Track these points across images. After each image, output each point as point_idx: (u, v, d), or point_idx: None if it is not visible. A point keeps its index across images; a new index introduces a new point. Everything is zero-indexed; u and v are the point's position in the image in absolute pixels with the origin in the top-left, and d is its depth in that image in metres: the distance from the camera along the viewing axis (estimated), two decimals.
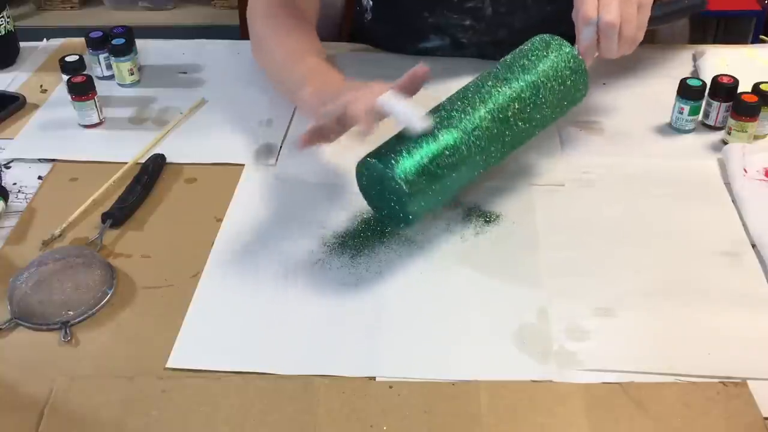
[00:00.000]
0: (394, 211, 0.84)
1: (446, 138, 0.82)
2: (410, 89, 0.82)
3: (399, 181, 0.79)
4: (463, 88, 0.88)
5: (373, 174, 0.83)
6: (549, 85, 0.88)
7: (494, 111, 0.85)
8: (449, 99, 0.87)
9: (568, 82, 0.89)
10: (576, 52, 0.90)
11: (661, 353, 0.74)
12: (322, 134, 0.87)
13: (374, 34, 1.23)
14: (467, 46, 1.16)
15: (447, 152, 0.81)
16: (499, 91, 0.86)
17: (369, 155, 0.83)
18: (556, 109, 0.91)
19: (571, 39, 0.92)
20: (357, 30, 1.26)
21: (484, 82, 0.87)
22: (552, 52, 0.89)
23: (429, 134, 0.82)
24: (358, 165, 0.84)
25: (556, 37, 0.91)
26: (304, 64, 0.99)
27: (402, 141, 0.82)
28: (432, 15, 1.14)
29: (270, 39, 1.06)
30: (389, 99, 0.80)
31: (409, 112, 0.80)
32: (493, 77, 0.88)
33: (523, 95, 0.86)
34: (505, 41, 1.12)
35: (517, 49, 0.92)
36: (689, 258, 0.84)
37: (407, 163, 0.80)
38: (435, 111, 0.85)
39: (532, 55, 0.89)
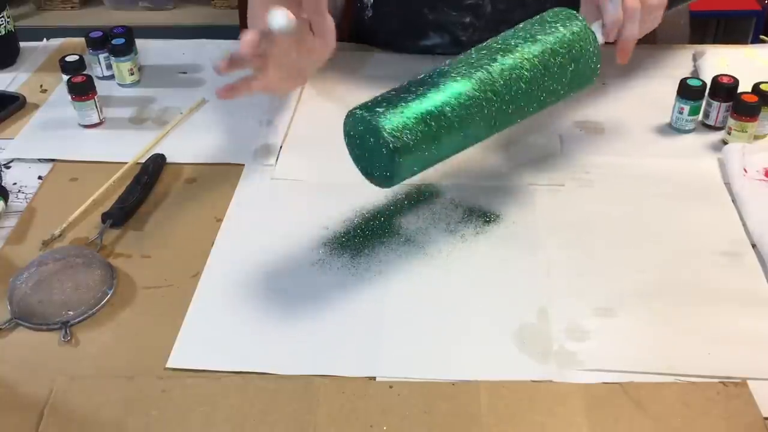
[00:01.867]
0: (380, 167, 0.79)
1: (440, 96, 0.78)
2: (311, 9, 0.80)
3: (387, 136, 0.75)
4: (467, 52, 0.84)
5: (359, 127, 0.79)
6: (559, 57, 0.83)
7: (497, 79, 0.81)
8: (451, 61, 0.83)
9: (580, 59, 0.85)
10: (593, 31, 0.86)
11: (661, 353, 0.74)
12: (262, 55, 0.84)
13: (374, 32, 1.23)
14: (467, 44, 1.16)
15: (439, 112, 0.77)
16: (503, 57, 0.82)
17: (359, 107, 0.79)
18: (565, 85, 0.86)
19: None
20: (357, 28, 1.26)
21: (491, 48, 0.83)
22: (568, 26, 0.85)
23: (425, 89, 0.78)
24: (345, 117, 0.80)
25: (574, 12, 0.86)
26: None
27: (395, 94, 0.78)
28: (432, 12, 1.14)
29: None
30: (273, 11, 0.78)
31: (274, 10, 0.77)
32: (499, 43, 0.84)
33: (529, 64, 0.82)
34: None
35: (530, 19, 0.87)
36: (689, 258, 0.84)
37: (397, 119, 0.76)
38: (435, 71, 0.81)
39: (545, 23, 0.85)
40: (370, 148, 0.79)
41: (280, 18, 0.77)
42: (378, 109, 0.77)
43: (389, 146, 0.76)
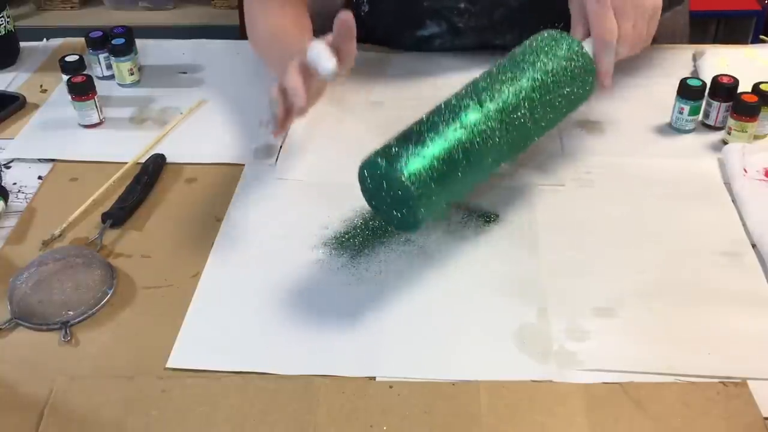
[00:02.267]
0: (398, 214, 0.80)
1: (455, 136, 0.78)
2: (342, 40, 0.81)
3: (407, 183, 0.76)
4: (471, 83, 0.85)
5: (377, 174, 0.79)
6: (559, 82, 0.85)
7: (504, 110, 0.82)
8: (456, 95, 0.84)
9: (578, 80, 0.87)
10: (584, 49, 0.87)
11: (661, 353, 0.74)
12: (295, 93, 0.84)
13: (371, 27, 1.23)
14: (464, 31, 1.16)
15: (454, 152, 0.78)
16: (508, 89, 0.82)
17: (375, 154, 0.79)
18: (565, 107, 0.88)
19: (567, 14, 0.90)
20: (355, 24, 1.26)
21: (493, 79, 0.84)
22: (561, 49, 0.86)
23: (436, 134, 0.78)
24: (361, 164, 0.81)
25: (564, 33, 0.88)
26: (289, 42, 0.98)
27: (408, 140, 0.78)
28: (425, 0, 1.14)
29: (259, 16, 1.06)
30: (313, 45, 0.78)
31: (319, 53, 0.78)
32: (501, 74, 0.84)
33: (533, 93, 0.83)
34: (504, 22, 1.11)
35: (525, 44, 0.88)
36: (689, 258, 0.84)
37: (415, 164, 0.76)
38: (442, 107, 0.82)
39: (541, 51, 0.86)
40: (388, 196, 0.80)
41: (328, 64, 0.78)
42: (396, 155, 0.77)
43: (411, 193, 0.76)
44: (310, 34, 1.02)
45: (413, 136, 0.79)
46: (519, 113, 0.82)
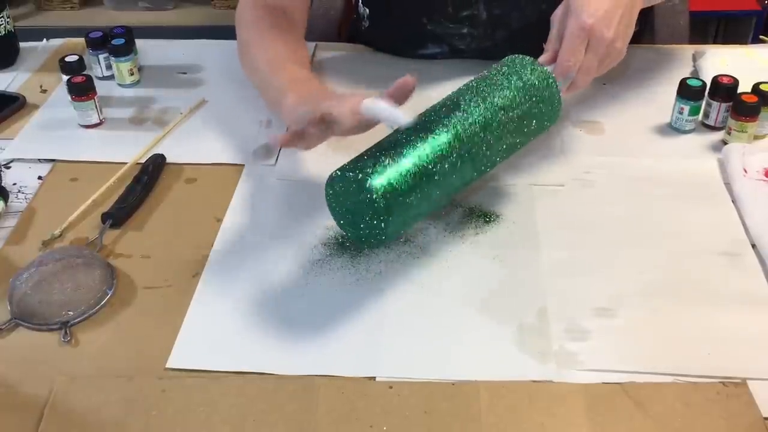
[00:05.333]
0: (364, 229, 0.80)
1: (421, 153, 0.79)
2: (397, 99, 0.81)
3: (375, 196, 0.76)
4: (439, 103, 0.85)
5: (347, 189, 0.80)
6: (523, 105, 0.85)
7: (470, 130, 0.82)
8: (425, 113, 0.84)
9: (543, 102, 0.87)
10: (550, 72, 0.88)
11: (661, 353, 0.74)
12: (303, 138, 0.85)
13: (372, 43, 1.23)
14: (466, 52, 1.16)
15: (424, 166, 0.79)
16: (474, 110, 0.83)
17: (342, 168, 0.80)
18: (531, 129, 0.88)
19: None
20: (355, 36, 1.26)
21: (460, 101, 0.84)
22: (526, 72, 0.86)
23: (405, 149, 0.79)
24: (328, 179, 0.81)
25: (529, 58, 0.88)
26: (286, 72, 0.96)
27: (375, 155, 0.79)
28: (429, 23, 1.14)
29: (254, 46, 1.04)
30: (373, 102, 0.79)
31: (392, 110, 0.78)
32: (468, 97, 0.84)
33: (497, 117, 0.83)
34: (505, 44, 1.12)
35: (492, 68, 0.89)
36: (689, 258, 0.84)
37: (384, 177, 0.77)
38: (412, 126, 0.82)
39: (507, 75, 0.86)
40: (355, 211, 0.80)
41: (404, 120, 0.79)
42: (366, 169, 0.78)
43: (379, 207, 0.77)
44: (308, 67, 1.01)
45: (378, 152, 0.79)
46: (479, 137, 0.82)
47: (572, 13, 0.87)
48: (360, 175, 0.77)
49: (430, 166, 0.79)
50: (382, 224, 0.78)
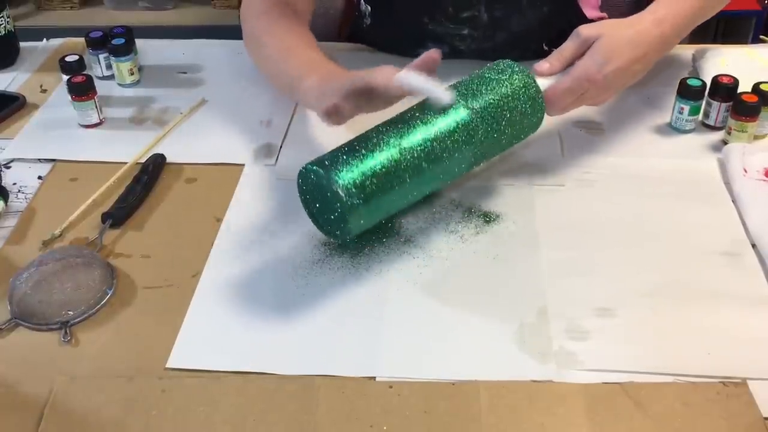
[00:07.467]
0: (333, 222, 0.82)
1: (389, 152, 0.80)
2: (423, 71, 0.81)
3: (340, 190, 0.77)
4: (416, 105, 0.86)
5: (315, 182, 0.81)
6: (505, 110, 0.86)
7: (445, 130, 0.83)
8: (403, 114, 0.85)
9: (525, 109, 0.87)
10: (534, 79, 0.88)
11: (661, 353, 0.74)
12: (338, 113, 0.84)
13: (373, 40, 1.23)
14: (466, 53, 1.16)
15: (388, 166, 0.79)
16: (454, 111, 0.84)
17: (311, 162, 0.81)
18: (513, 133, 0.88)
19: (565, 37, 0.91)
20: (356, 34, 1.26)
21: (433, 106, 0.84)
22: (510, 78, 0.87)
23: (373, 146, 0.80)
24: (299, 172, 0.83)
25: (514, 63, 0.89)
26: (302, 56, 0.98)
27: (345, 151, 0.80)
28: (430, 23, 1.14)
29: (264, 34, 1.05)
30: (408, 75, 0.79)
31: (432, 85, 0.80)
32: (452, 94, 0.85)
33: (482, 113, 0.84)
34: (505, 46, 1.12)
35: (476, 73, 0.89)
36: (689, 258, 0.84)
37: (350, 173, 0.78)
38: (387, 124, 0.83)
39: (491, 80, 0.87)
40: (323, 203, 0.82)
41: (446, 95, 0.82)
42: (333, 164, 0.79)
43: (344, 202, 0.78)
44: (317, 48, 1.01)
45: (350, 149, 0.81)
46: (453, 138, 0.83)
47: (593, 57, 0.89)
48: (320, 170, 0.79)
49: (400, 164, 0.80)
50: (346, 215, 0.79)
